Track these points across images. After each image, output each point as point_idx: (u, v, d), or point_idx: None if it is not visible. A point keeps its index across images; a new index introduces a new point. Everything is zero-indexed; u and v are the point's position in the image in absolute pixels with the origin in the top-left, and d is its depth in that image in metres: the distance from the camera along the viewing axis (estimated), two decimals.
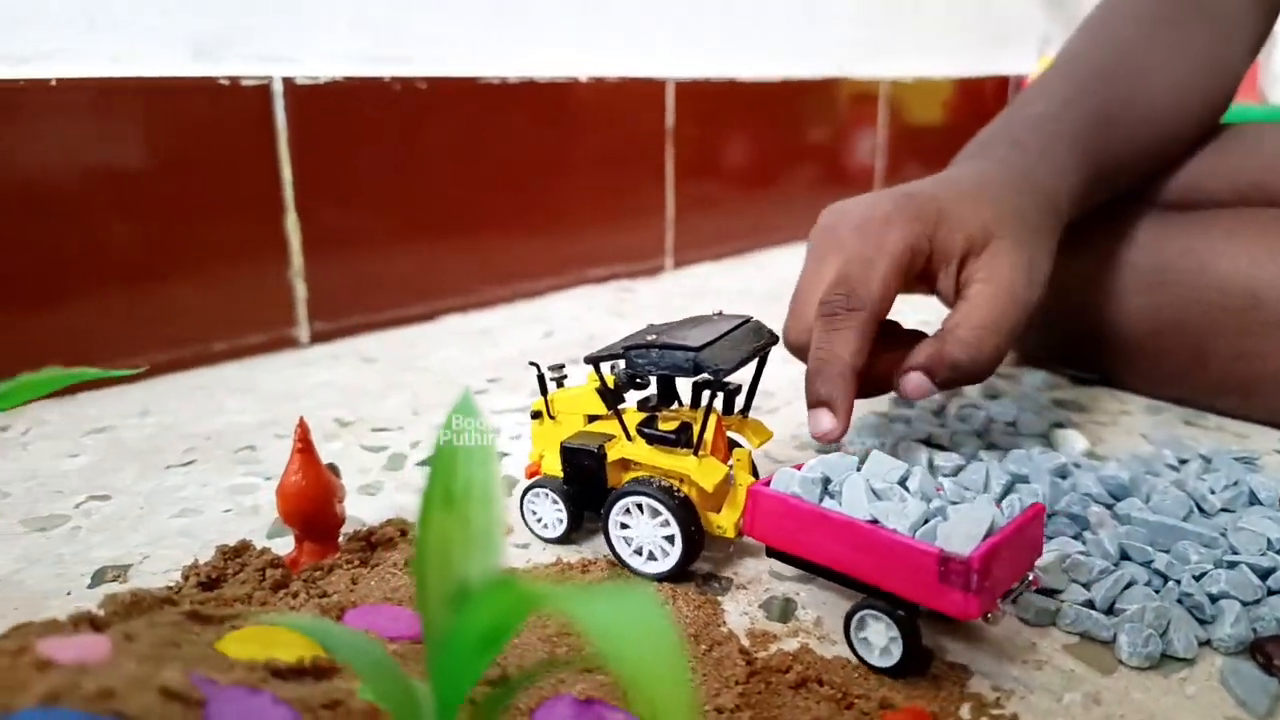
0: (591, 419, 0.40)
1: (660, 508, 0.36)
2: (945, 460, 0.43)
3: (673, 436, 0.37)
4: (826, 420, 0.39)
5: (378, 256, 0.67)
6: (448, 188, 0.70)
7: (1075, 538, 0.39)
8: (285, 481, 0.35)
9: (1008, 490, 0.41)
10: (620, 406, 0.38)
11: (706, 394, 0.37)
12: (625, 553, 0.37)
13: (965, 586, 0.29)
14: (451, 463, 0.21)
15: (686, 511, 0.36)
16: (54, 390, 0.28)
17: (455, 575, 0.19)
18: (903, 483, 0.34)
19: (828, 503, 0.33)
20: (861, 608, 0.32)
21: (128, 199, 0.56)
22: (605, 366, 0.38)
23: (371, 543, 0.38)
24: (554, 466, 0.39)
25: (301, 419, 0.36)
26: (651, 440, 0.37)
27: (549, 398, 0.40)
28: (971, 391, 0.55)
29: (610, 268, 0.83)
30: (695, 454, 0.36)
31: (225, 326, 0.61)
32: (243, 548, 0.36)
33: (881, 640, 0.32)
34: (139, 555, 0.39)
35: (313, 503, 0.35)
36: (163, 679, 0.23)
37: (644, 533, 0.37)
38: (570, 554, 0.39)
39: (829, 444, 0.44)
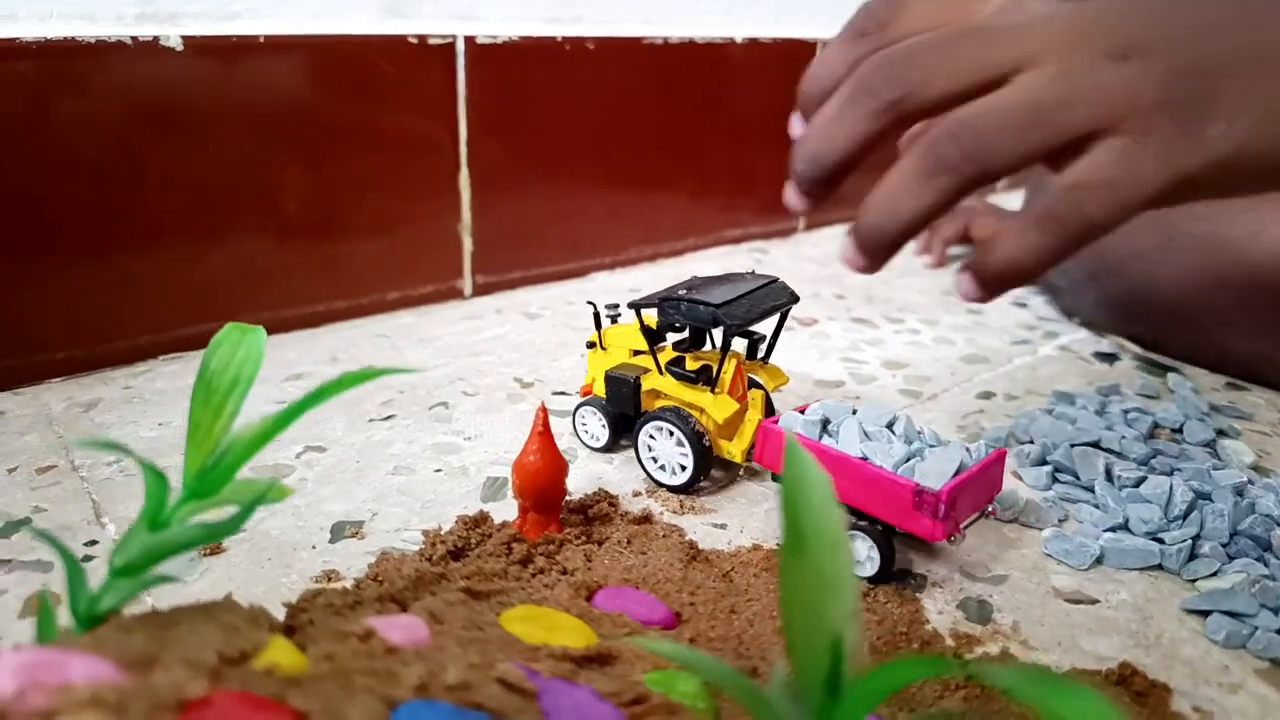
0: (636, 353, 0.47)
1: (677, 431, 0.43)
2: (1125, 471, 0.45)
3: (693, 376, 0.44)
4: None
5: (535, 212, 0.69)
6: (602, 145, 0.71)
7: (1259, 559, 0.40)
8: (524, 460, 0.38)
9: (1190, 509, 0.42)
10: (660, 345, 0.46)
11: (731, 342, 0.43)
12: (651, 467, 0.45)
13: (934, 514, 0.35)
14: (797, 509, 0.23)
15: (698, 437, 0.43)
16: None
17: (817, 619, 0.21)
18: (890, 426, 0.40)
19: (825, 440, 0.40)
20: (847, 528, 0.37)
21: (315, 151, 0.58)
22: (645, 311, 0.45)
23: (589, 516, 0.41)
24: (603, 389, 0.46)
25: (543, 404, 0.38)
26: (677, 377, 0.44)
27: (601, 332, 0.47)
28: (1129, 391, 0.56)
29: (746, 229, 0.84)
30: (712, 391, 0.43)
31: (399, 277, 0.63)
32: (481, 518, 0.39)
33: (862, 555, 0.38)
34: (368, 511, 0.42)
35: (549, 482, 0.38)
36: (500, 670, 0.26)
37: (665, 451, 0.44)
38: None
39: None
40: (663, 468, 0.44)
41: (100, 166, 0.51)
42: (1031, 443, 0.49)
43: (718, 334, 0.45)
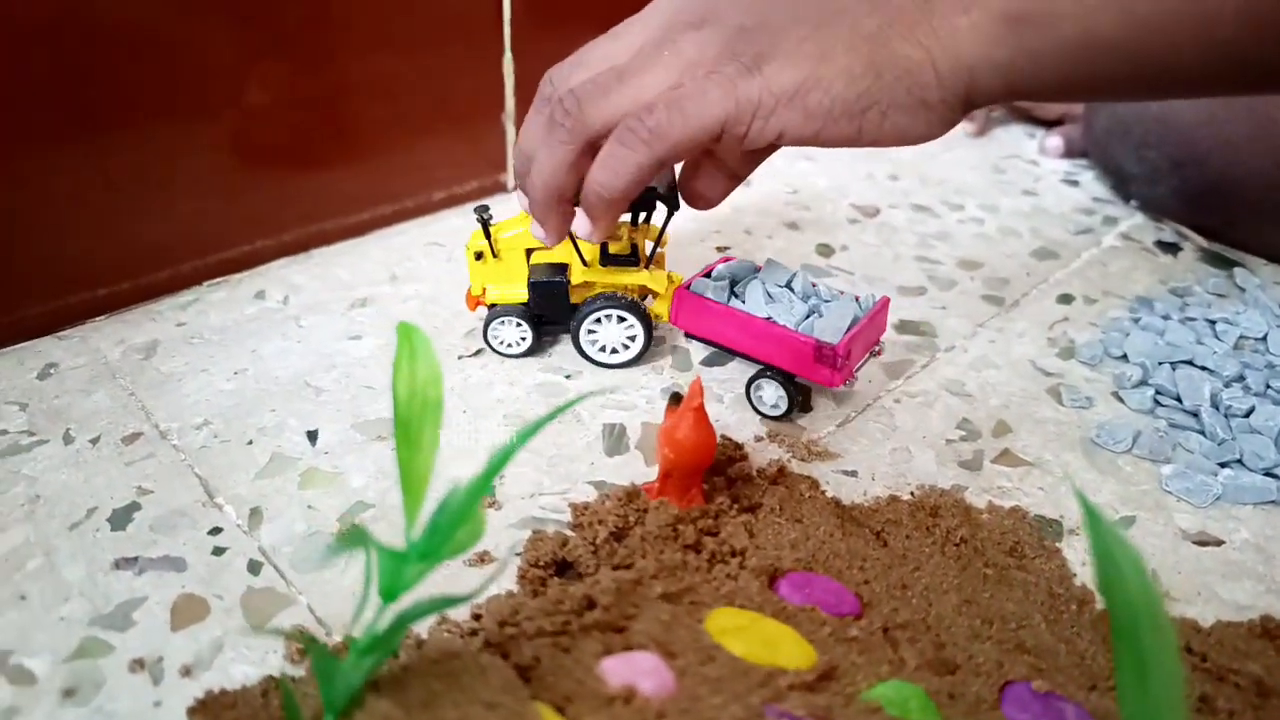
0: (529, 253, 0.46)
1: (628, 315, 0.45)
2: (1233, 400, 0.45)
3: (627, 257, 0.46)
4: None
5: None
6: None
7: None
8: (679, 436, 0.36)
9: None
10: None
11: (655, 217, 0.45)
12: (593, 352, 0.47)
13: (833, 365, 0.41)
14: (1116, 595, 0.22)
15: (644, 314, 0.46)
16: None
17: (1152, 710, 0.21)
18: (789, 284, 0.45)
19: (734, 301, 0.44)
20: (758, 377, 0.44)
21: (345, 37, 0.52)
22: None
23: (729, 477, 0.40)
24: (502, 298, 0.46)
25: (698, 379, 0.36)
26: (613, 262, 0.46)
27: (494, 239, 0.46)
28: (1200, 290, 0.56)
29: None
30: (646, 268, 0.46)
31: (444, 174, 0.58)
32: (634, 493, 0.38)
33: (772, 399, 0.44)
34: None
35: (704, 456, 0.37)
36: None
37: (610, 335, 0.46)
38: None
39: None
40: (603, 349, 0.47)
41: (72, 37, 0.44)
42: (1125, 358, 0.50)
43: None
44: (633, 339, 0.46)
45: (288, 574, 0.35)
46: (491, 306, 0.47)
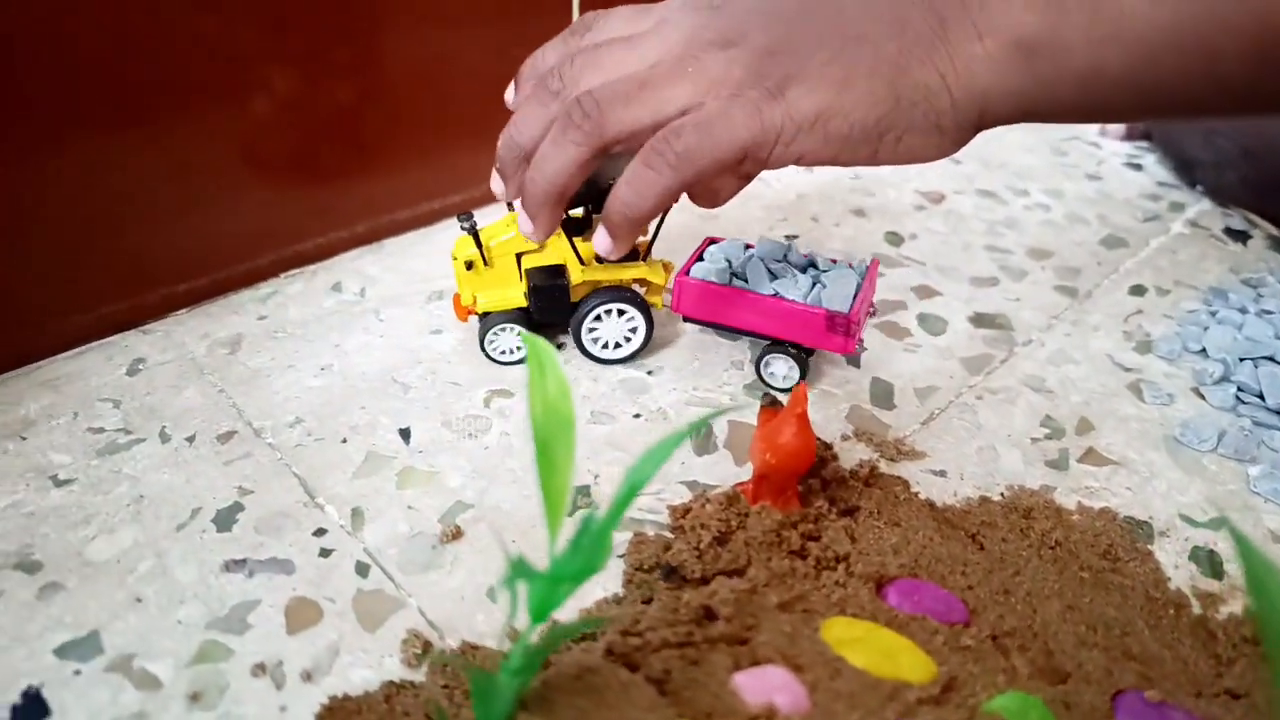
0: (519, 257, 0.46)
1: (629, 308, 0.46)
2: None
3: (631, 252, 0.46)
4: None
5: None
6: None
7: None
8: (783, 440, 0.36)
9: None
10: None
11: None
12: (594, 348, 0.47)
13: (846, 333, 0.42)
14: (1271, 619, 0.22)
15: (644, 305, 0.46)
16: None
17: None
18: (786, 257, 0.46)
19: (736, 282, 0.44)
20: (767, 353, 0.45)
21: (418, 24, 0.51)
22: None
23: (825, 480, 0.40)
24: (495, 304, 0.46)
25: (802, 384, 0.36)
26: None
27: (484, 246, 0.45)
28: (1273, 281, 0.56)
29: None
30: (643, 260, 0.46)
31: None
32: (734, 497, 0.38)
33: (783, 371, 0.45)
34: (588, 474, 0.41)
35: (805, 462, 0.37)
36: None
37: (610, 330, 0.47)
38: None
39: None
40: (605, 346, 0.47)
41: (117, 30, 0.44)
42: (1204, 353, 0.50)
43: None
44: (634, 331, 0.47)
45: (395, 576, 0.36)
46: (483, 316, 0.46)
